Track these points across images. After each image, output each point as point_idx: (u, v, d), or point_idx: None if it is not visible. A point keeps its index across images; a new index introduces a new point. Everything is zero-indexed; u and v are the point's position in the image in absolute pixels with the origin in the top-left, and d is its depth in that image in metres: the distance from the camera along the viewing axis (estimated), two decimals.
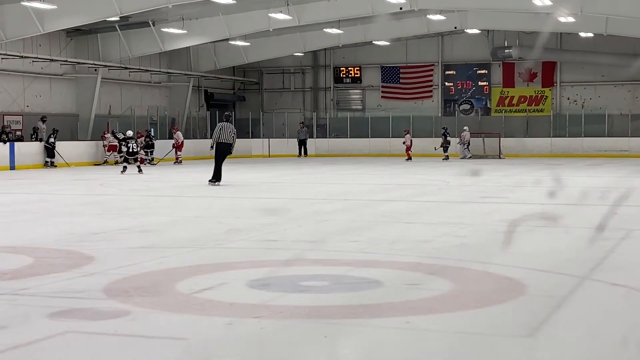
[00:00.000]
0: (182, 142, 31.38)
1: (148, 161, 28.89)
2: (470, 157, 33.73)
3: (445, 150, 32.70)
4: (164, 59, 37.11)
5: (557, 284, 6.69)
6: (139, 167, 23.41)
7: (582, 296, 6.28)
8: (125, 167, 23.49)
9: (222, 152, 18.32)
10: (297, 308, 5.78)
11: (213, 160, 18.57)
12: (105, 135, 30.34)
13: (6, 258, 8.10)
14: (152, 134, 31.86)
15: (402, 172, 24.32)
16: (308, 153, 36.79)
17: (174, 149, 31.11)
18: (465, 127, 34.56)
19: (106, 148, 30.17)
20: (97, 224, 11.12)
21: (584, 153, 35.19)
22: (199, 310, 5.74)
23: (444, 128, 33.73)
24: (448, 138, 33.03)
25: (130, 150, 23.63)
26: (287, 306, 5.84)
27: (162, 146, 31.85)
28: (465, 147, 34.00)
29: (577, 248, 8.76)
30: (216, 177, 18.32)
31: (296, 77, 42.85)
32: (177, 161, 30.76)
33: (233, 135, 18.32)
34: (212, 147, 18.65)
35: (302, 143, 36.94)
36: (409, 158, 31.74)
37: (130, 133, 24.93)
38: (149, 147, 29.93)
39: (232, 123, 18.73)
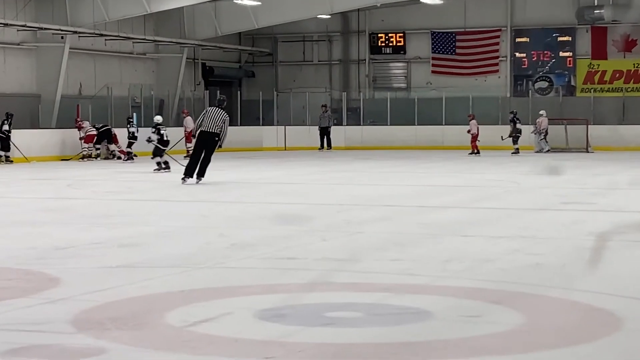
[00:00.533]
0: (192, 130, 30.85)
1: (129, 157, 28.93)
2: (548, 150, 33.57)
3: (515, 142, 32.57)
4: (150, 24, 37.27)
5: None
6: (166, 163, 23.22)
7: None
8: (160, 164, 23.17)
9: (204, 143, 18.62)
10: (320, 346, 5.78)
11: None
12: (83, 126, 30.32)
13: None
14: (134, 121, 31.90)
15: (458, 170, 24.23)
16: (333, 145, 36.73)
17: (184, 139, 30.69)
18: (541, 112, 34.39)
19: (83, 140, 30.21)
20: (64, 235, 11.17)
21: None
22: (193, 348, 5.75)
23: (512, 113, 33.60)
24: (518, 125, 32.87)
25: (164, 138, 23.56)
26: (307, 344, 5.84)
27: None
28: (542, 137, 33.86)
29: None
30: (188, 172, 18.70)
31: (321, 46, 42.83)
32: (188, 154, 30.35)
33: (222, 124, 18.55)
34: (194, 135, 19.22)
35: (324, 132, 36.91)
36: (476, 151, 31.61)
37: (159, 119, 24.70)
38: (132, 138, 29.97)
39: (225, 110, 18.84)
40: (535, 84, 39.71)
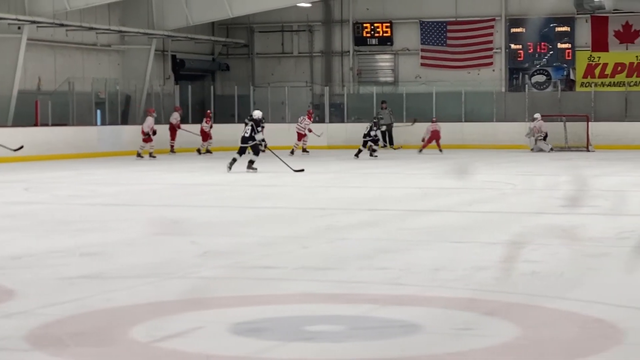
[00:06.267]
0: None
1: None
2: (551, 149, 33.48)
3: (364, 145, 32.81)
4: (116, 13, 37.16)
5: None
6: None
7: None
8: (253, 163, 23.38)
9: None
10: None
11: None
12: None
13: None
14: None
15: (450, 171, 24.24)
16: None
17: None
18: (536, 115, 34.26)
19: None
20: (20, 243, 11.12)
21: None
22: None
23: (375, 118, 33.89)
24: (372, 132, 33.35)
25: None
26: None
27: (135, 133, 31.83)
28: (541, 138, 33.74)
29: None
30: None
31: (301, 37, 42.82)
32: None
33: None
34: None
35: (386, 130, 36.74)
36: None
37: (258, 114, 25.05)
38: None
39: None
40: (532, 78, 39.78)
